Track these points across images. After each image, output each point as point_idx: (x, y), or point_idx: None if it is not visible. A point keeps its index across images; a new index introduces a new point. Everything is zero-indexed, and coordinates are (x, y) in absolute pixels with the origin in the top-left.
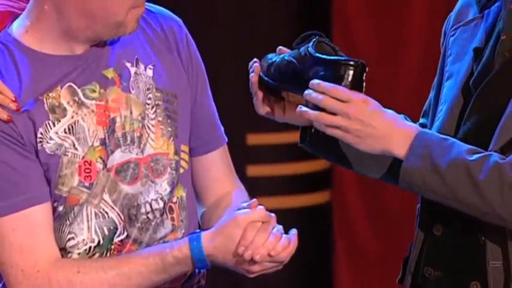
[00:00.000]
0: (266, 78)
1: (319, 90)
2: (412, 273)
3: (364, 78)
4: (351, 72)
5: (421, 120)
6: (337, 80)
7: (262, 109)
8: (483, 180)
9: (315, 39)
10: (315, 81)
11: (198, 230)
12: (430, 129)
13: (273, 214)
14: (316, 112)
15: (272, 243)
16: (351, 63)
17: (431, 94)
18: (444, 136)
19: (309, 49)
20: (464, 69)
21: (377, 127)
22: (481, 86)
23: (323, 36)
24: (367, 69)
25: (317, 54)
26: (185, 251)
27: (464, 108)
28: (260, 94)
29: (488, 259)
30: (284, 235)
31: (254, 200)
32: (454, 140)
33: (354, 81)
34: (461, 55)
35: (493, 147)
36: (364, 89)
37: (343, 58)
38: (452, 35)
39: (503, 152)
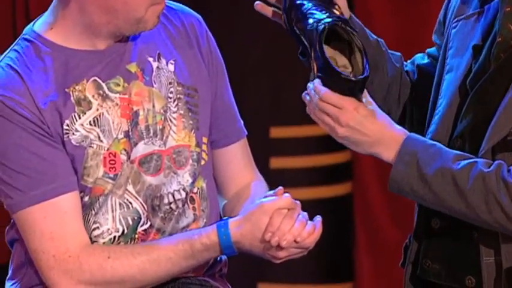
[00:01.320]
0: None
1: (315, 91)
2: (412, 263)
3: (364, 86)
4: (348, 87)
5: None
6: (333, 86)
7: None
8: (469, 189)
9: (323, 28)
10: (315, 82)
11: (225, 218)
12: (431, 117)
13: (298, 201)
14: (313, 105)
15: (298, 230)
16: (352, 79)
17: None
18: (431, 142)
19: (317, 46)
20: (463, 66)
21: (366, 134)
22: (476, 86)
23: (345, 22)
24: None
25: (323, 54)
26: (213, 238)
27: (461, 106)
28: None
29: (482, 255)
30: (309, 221)
31: (280, 187)
32: (441, 146)
33: (350, 93)
34: (461, 50)
35: (485, 146)
36: (362, 95)
37: (344, 74)
38: (454, 27)
39: (494, 151)
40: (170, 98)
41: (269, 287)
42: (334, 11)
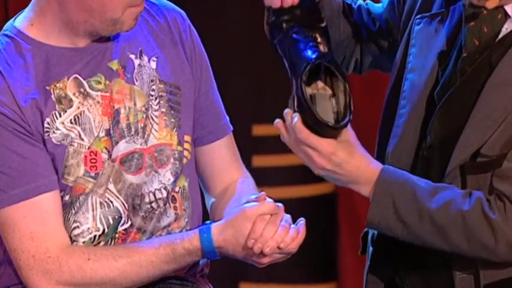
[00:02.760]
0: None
1: (294, 129)
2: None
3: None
4: (326, 132)
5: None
6: (311, 126)
7: None
8: (448, 228)
9: (306, 68)
10: (294, 119)
11: (208, 221)
12: (391, 116)
13: (281, 205)
14: (289, 138)
15: (281, 236)
16: (331, 125)
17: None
18: (405, 178)
19: (299, 84)
20: (428, 71)
21: (343, 174)
22: (443, 99)
23: (328, 58)
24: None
25: (304, 95)
26: (195, 243)
27: (427, 116)
28: None
29: (455, 270)
30: (292, 226)
31: (263, 192)
32: (415, 181)
33: (328, 136)
34: (425, 51)
35: (451, 165)
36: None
37: (324, 120)
38: (418, 24)
39: (464, 172)
40: (152, 95)
41: (251, 287)
42: (318, 37)
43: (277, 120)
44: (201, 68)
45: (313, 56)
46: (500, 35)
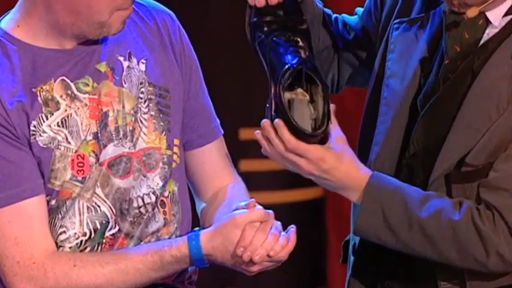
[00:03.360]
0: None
1: (281, 139)
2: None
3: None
4: (305, 139)
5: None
6: (291, 133)
7: None
8: (438, 238)
9: (286, 73)
10: (278, 128)
11: (197, 228)
12: (371, 124)
13: (271, 212)
14: (272, 150)
15: (271, 244)
16: (307, 133)
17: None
18: (395, 185)
19: (278, 90)
20: (409, 77)
21: (331, 180)
22: (426, 107)
23: (308, 64)
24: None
25: (282, 103)
26: (184, 250)
27: (410, 123)
28: None
29: (440, 280)
30: (282, 233)
31: (252, 199)
32: (404, 188)
33: (309, 142)
34: (405, 56)
35: (435, 174)
36: (327, 136)
37: (301, 128)
38: (396, 29)
39: (448, 181)
40: (141, 98)
41: None
42: (299, 41)
43: (257, 132)
44: (191, 70)
45: (294, 61)
46: (482, 41)
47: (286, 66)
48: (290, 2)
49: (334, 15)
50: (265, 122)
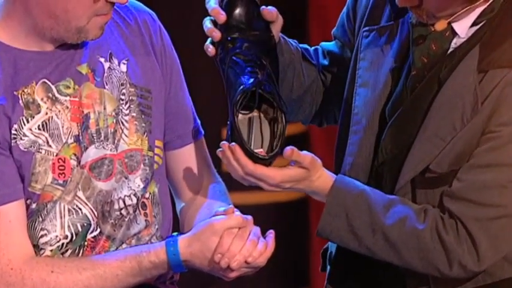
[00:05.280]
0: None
1: (238, 163)
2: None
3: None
4: (256, 162)
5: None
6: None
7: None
8: (401, 245)
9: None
10: (233, 152)
11: (175, 234)
12: (345, 133)
13: (249, 217)
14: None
15: (249, 250)
16: (261, 158)
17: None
18: (358, 188)
19: (232, 112)
20: (380, 87)
21: (296, 190)
22: (394, 116)
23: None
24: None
25: (236, 127)
26: (162, 256)
27: (380, 132)
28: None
29: (409, 287)
30: (261, 239)
31: (230, 206)
32: (368, 192)
33: (262, 164)
34: (375, 66)
35: (401, 181)
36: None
37: (258, 155)
38: (366, 37)
39: (414, 186)
40: (122, 100)
41: None
42: (260, 62)
43: (219, 150)
44: (172, 70)
45: (249, 83)
46: (449, 51)
47: (240, 88)
48: (256, 19)
49: (313, 47)
50: (224, 144)
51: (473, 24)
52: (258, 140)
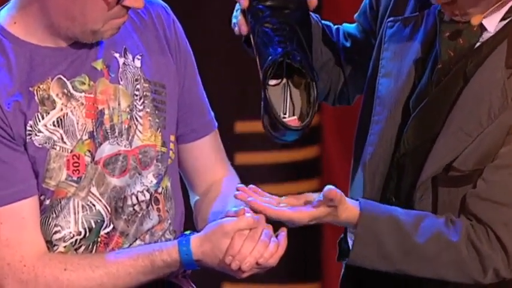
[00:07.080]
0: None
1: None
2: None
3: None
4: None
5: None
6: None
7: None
8: (437, 261)
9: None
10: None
11: (187, 232)
12: (366, 123)
13: (260, 217)
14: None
15: (260, 252)
16: (293, 128)
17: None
18: (386, 213)
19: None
20: (404, 77)
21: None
22: (418, 108)
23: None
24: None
25: (266, 96)
26: (174, 255)
27: (403, 123)
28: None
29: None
30: (273, 238)
31: (242, 207)
32: (397, 216)
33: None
34: (399, 56)
35: (423, 176)
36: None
37: (290, 127)
38: (390, 27)
39: (435, 184)
40: (136, 95)
41: (233, 287)
42: (287, 33)
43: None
44: (186, 63)
45: (277, 53)
46: (476, 46)
47: (269, 59)
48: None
49: (335, 26)
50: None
51: (502, 19)
52: (291, 107)
